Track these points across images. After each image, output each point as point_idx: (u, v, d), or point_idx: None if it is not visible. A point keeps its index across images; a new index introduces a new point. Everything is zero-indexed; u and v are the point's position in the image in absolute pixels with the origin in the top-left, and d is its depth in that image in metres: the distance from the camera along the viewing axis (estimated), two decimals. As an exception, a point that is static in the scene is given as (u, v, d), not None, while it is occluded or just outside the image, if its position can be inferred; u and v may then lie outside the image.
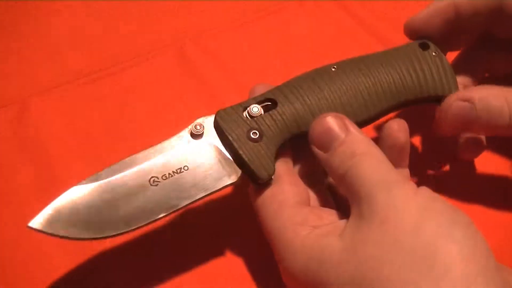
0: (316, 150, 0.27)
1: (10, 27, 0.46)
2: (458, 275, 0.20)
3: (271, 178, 0.27)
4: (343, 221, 0.25)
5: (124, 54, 0.43)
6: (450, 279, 0.20)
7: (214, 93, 0.40)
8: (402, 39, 0.34)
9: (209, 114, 0.29)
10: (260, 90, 0.30)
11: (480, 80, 0.35)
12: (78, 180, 0.26)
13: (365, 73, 0.30)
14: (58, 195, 0.26)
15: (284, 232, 0.25)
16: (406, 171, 0.30)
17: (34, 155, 0.36)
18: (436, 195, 0.24)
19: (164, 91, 0.41)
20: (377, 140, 0.30)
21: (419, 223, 0.22)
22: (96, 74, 0.42)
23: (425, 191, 0.24)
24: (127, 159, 0.27)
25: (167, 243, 0.32)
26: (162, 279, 0.30)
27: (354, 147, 0.26)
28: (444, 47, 0.33)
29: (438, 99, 0.31)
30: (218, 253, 0.31)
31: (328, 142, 0.26)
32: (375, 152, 0.26)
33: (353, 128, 0.27)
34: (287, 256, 0.25)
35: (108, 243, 0.31)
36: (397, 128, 0.29)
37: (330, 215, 0.26)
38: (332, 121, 0.27)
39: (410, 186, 0.24)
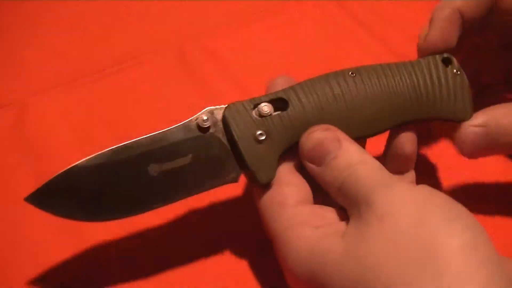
0: (308, 164, 0.26)
1: (10, 27, 0.46)
2: (459, 268, 0.20)
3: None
4: (344, 223, 0.24)
5: (124, 54, 0.43)
6: (452, 273, 0.20)
7: (214, 93, 0.40)
8: (401, 39, 0.34)
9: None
10: (280, 83, 0.29)
11: (477, 91, 0.34)
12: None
13: (383, 84, 0.28)
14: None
15: (285, 233, 0.25)
16: (411, 174, 0.30)
17: (34, 155, 0.36)
18: (435, 190, 0.23)
19: (164, 91, 0.41)
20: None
21: (418, 218, 0.22)
22: (96, 74, 0.42)
23: (423, 187, 0.24)
24: (129, 142, 0.27)
25: (165, 242, 0.32)
26: (159, 279, 0.30)
27: (348, 159, 0.25)
28: None
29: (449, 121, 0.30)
30: (220, 253, 0.31)
31: (321, 156, 0.26)
32: (370, 160, 0.25)
33: (345, 140, 0.26)
34: (290, 257, 0.25)
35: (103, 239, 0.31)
36: (405, 138, 0.29)
37: (332, 214, 0.26)
38: (323, 135, 0.26)
39: (407, 185, 0.24)
